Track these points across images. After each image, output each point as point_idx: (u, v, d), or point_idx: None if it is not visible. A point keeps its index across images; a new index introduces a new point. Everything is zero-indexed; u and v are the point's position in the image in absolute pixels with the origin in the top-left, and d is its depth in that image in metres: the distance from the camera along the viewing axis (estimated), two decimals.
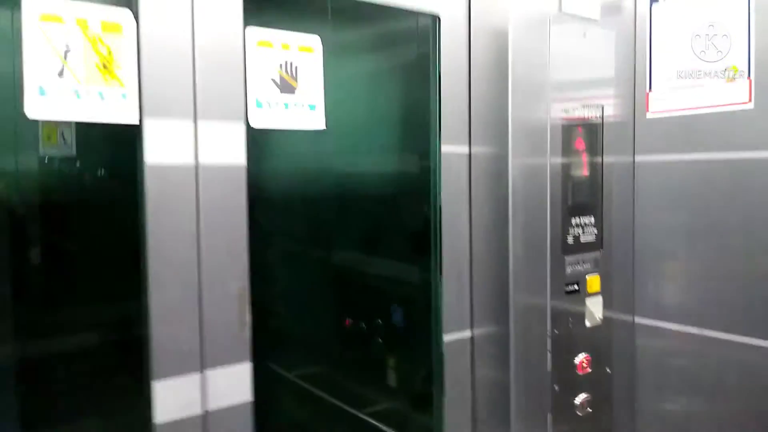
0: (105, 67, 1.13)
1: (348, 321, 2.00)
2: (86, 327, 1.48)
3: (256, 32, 1.28)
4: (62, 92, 1.09)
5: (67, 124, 1.42)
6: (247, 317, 1.32)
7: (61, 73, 1.09)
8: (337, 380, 2.05)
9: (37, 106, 1.07)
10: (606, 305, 1.78)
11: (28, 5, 1.06)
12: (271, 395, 1.66)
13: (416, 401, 1.86)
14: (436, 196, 1.65)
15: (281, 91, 1.32)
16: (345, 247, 1.90)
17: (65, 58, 1.09)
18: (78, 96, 1.10)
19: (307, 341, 2.04)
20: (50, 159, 1.46)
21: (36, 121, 1.36)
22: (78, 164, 1.50)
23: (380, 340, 1.91)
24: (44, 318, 1.44)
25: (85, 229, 1.53)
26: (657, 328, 1.85)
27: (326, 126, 1.41)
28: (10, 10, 1.10)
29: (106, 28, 1.13)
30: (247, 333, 1.33)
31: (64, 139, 1.45)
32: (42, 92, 1.07)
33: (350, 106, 1.75)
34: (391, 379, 1.93)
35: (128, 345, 1.39)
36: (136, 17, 1.17)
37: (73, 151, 1.46)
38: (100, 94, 1.12)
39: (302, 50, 1.35)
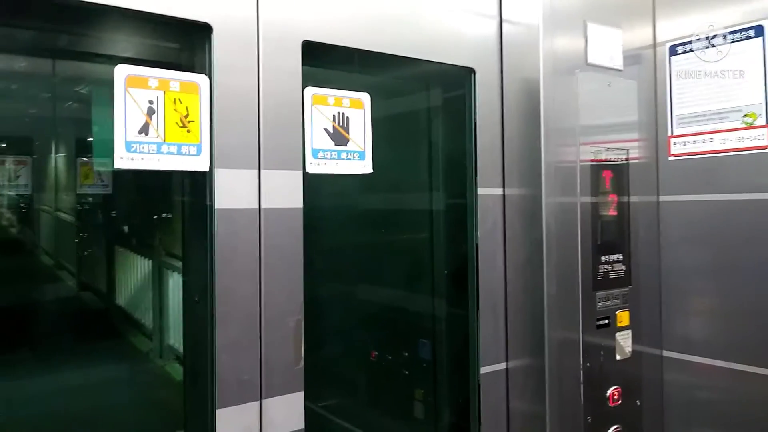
0: (183, 124, 1.26)
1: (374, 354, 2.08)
2: None
3: (313, 91, 1.41)
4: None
5: None
6: (302, 350, 1.42)
7: (146, 130, 1.22)
8: (376, 409, 2.13)
9: (124, 159, 1.20)
10: (635, 339, 1.85)
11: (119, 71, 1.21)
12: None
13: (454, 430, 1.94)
14: (474, 235, 1.76)
15: (335, 143, 1.44)
16: (387, 284, 1.99)
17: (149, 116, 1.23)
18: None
19: (347, 374, 2.13)
20: None
21: None
22: None
23: (417, 370, 1.99)
24: None
25: None
26: (684, 362, 1.92)
27: (373, 170, 1.54)
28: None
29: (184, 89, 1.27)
30: (301, 364, 1.43)
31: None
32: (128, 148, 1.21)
33: (394, 151, 1.87)
34: (429, 409, 2.01)
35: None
36: (211, 79, 1.31)
37: None
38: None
39: (353, 105, 1.47)
